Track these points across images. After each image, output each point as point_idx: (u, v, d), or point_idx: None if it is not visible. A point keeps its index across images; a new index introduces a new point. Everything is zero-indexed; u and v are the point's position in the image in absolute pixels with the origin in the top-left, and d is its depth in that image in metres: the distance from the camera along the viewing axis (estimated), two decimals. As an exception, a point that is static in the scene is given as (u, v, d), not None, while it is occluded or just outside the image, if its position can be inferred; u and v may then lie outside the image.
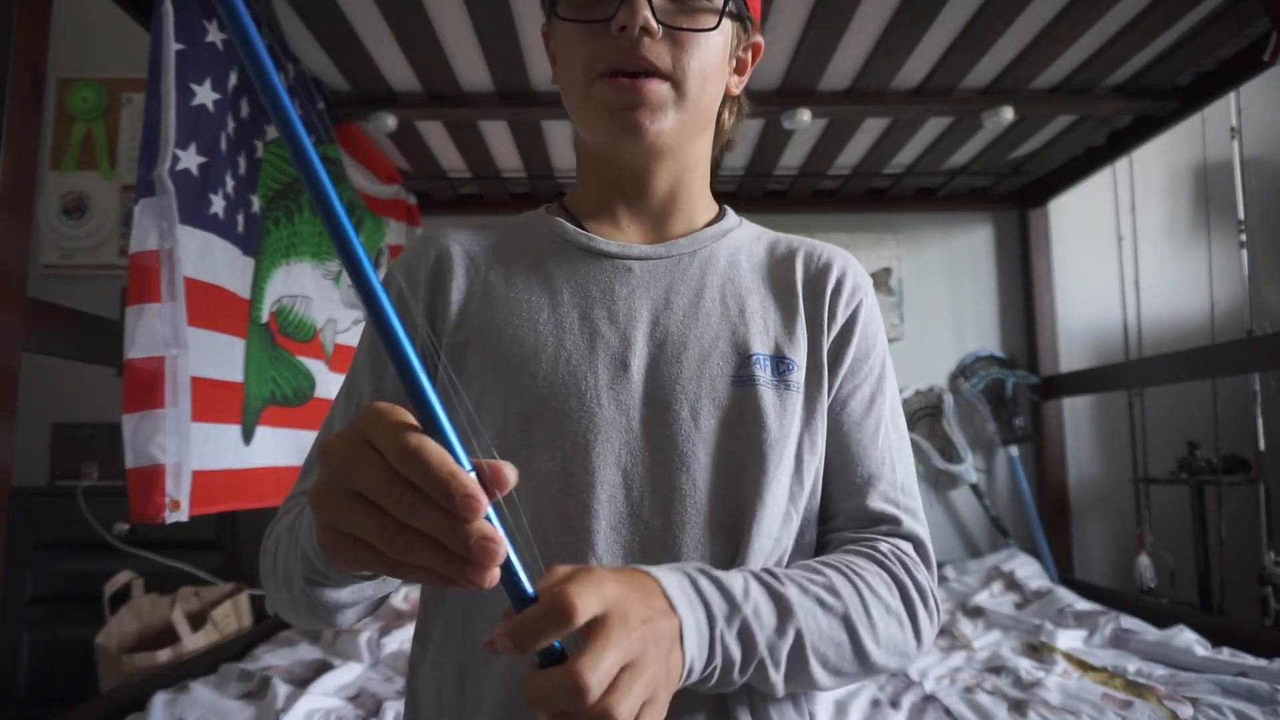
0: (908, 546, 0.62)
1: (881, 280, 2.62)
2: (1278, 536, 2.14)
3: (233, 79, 1.37)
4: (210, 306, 1.30)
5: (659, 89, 0.59)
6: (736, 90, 0.70)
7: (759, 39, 0.71)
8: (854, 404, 0.65)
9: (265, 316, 1.54)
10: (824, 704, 1.34)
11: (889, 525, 0.63)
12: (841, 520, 0.64)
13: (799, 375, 0.63)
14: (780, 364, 0.62)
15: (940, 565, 2.37)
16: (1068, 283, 2.61)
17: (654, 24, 0.58)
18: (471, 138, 2.09)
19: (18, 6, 1.03)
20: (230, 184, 1.38)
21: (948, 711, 1.33)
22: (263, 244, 1.52)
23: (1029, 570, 2.20)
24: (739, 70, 0.70)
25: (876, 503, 0.63)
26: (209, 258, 1.31)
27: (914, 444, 2.50)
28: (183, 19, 1.24)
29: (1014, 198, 2.63)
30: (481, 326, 0.62)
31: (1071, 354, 2.58)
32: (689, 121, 0.63)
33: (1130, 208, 2.45)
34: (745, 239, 0.70)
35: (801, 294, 0.66)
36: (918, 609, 0.59)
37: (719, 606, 0.49)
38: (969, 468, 2.47)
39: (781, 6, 1.51)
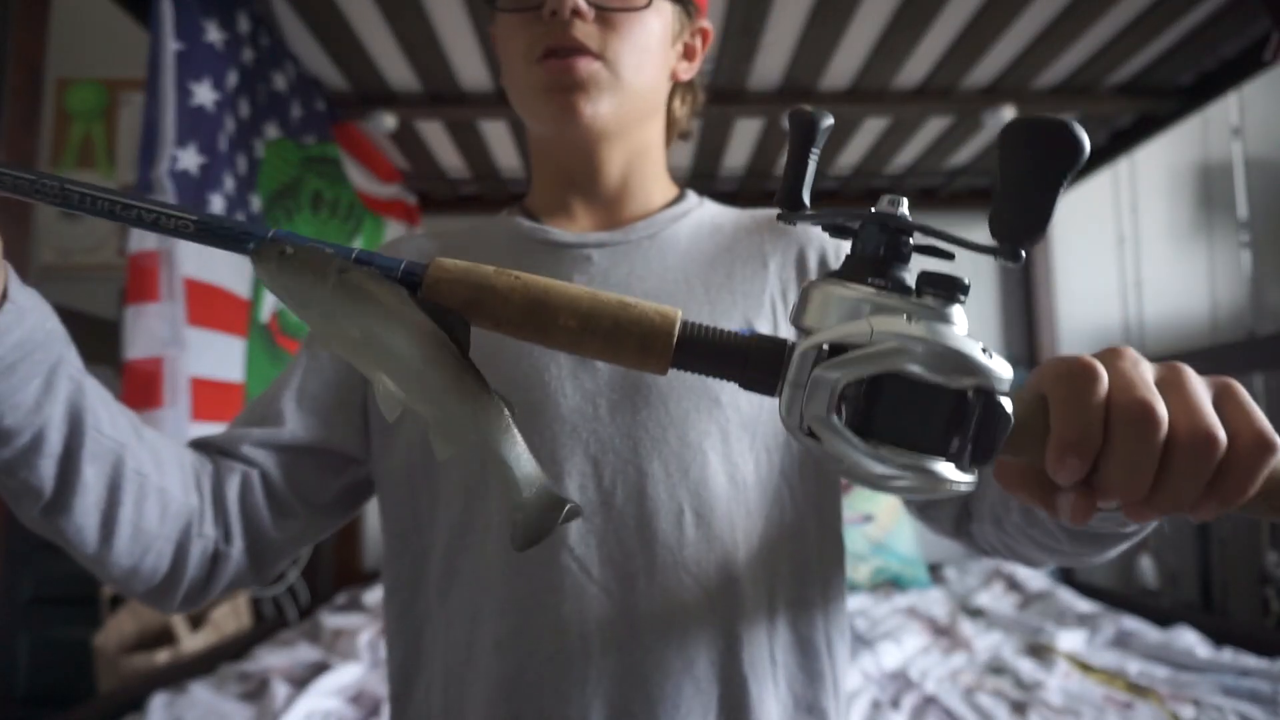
0: None
1: (882, 280, 2.61)
2: (1278, 536, 2.14)
3: (232, 78, 1.37)
4: (210, 306, 1.30)
5: (590, 67, 0.59)
6: (685, 76, 0.69)
7: (705, 24, 0.70)
8: None
9: (266, 317, 1.54)
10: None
11: None
12: None
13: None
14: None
15: (940, 566, 2.37)
16: (1068, 283, 2.61)
17: (583, 5, 0.58)
18: (471, 138, 2.09)
19: (17, 6, 1.02)
20: (230, 184, 1.37)
21: (948, 713, 1.32)
22: (262, 244, 1.52)
23: (1030, 571, 2.20)
24: (687, 56, 0.69)
25: None
26: (209, 258, 1.31)
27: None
28: (182, 18, 1.24)
29: (1015, 198, 2.62)
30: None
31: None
32: (628, 104, 0.62)
33: (1131, 208, 2.45)
34: (707, 217, 0.68)
35: (770, 265, 0.64)
36: None
37: None
38: (970, 468, 2.47)
39: (781, 6, 1.51)
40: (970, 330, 0.32)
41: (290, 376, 0.64)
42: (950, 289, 0.32)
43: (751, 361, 0.33)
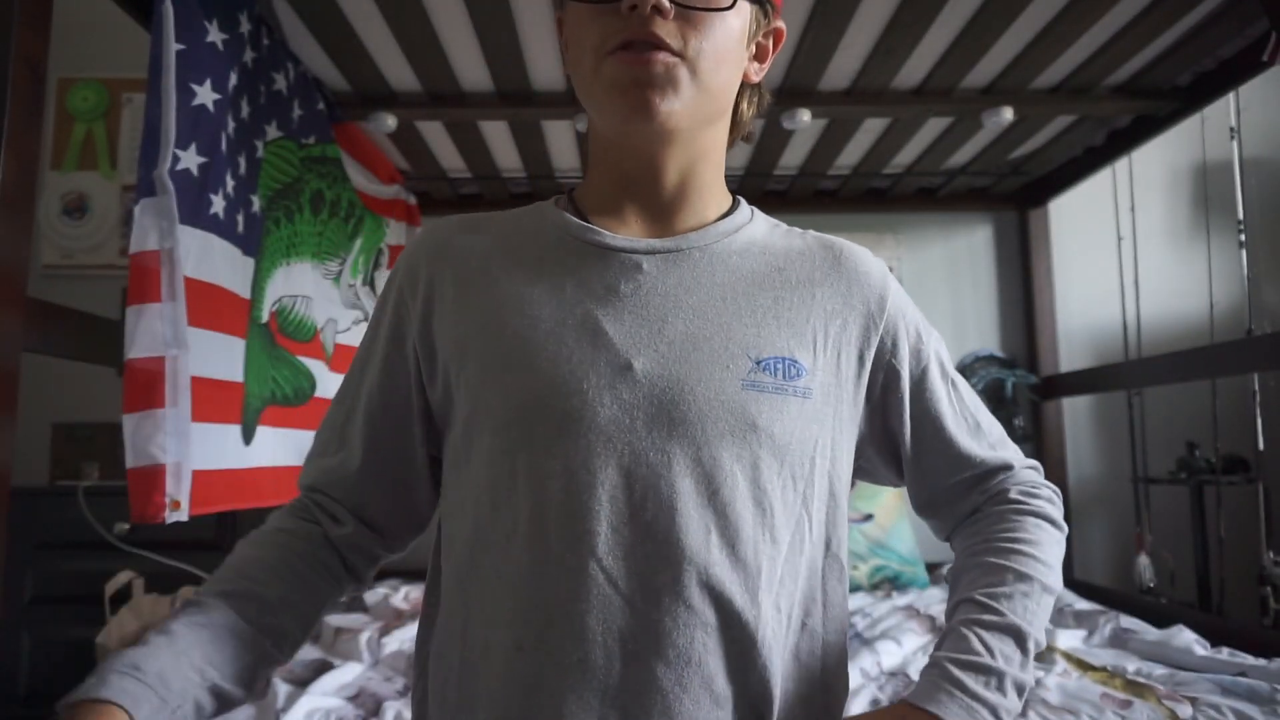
0: (1025, 477, 0.70)
1: (881, 280, 2.62)
2: (1277, 536, 2.14)
3: (233, 79, 1.37)
4: (210, 306, 1.30)
5: (669, 62, 0.57)
6: (756, 78, 0.67)
7: (780, 24, 0.68)
8: (925, 389, 0.68)
9: (265, 316, 1.54)
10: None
11: (1004, 472, 0.69)
12: (962, 487, 0.70)
13: (810, 380, 0.61)
14: (791, 368, 0.60)
15: (940, 565, 2.38)
16: (1068, 283, 2.61)
17: (665, 2, 0.56)
18: (471, 138, 2.09)
19: (18, 6, 1.03)
20: (230, 184, 1.38)
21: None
22: (263, 244, 1.52)
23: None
24: (759, 57, 0.67)
25: (985, 457, 0.69)
26: (209, 258, 1.31)
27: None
28: (183, 19, 1.24)
29: (1014, 198, 2.63)
30: (484, 321, 0.62)
31: (1071, 354, 2.58)
32: (702, 104, 0.60)
33: (1130, 208, 2.45)
34: (759, 233, 0.68)
35: (818, 294, 0.64)
36: (1057, 518, 0.68)
37: (991, 694, 0.56)
38: (969, 468, 2.47)
39: (782, 6, 1.51)
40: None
41: (354, 404, 0.69)
42: None
43: None
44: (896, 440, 0.68)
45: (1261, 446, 2.16)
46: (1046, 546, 0.65)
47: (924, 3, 1.50)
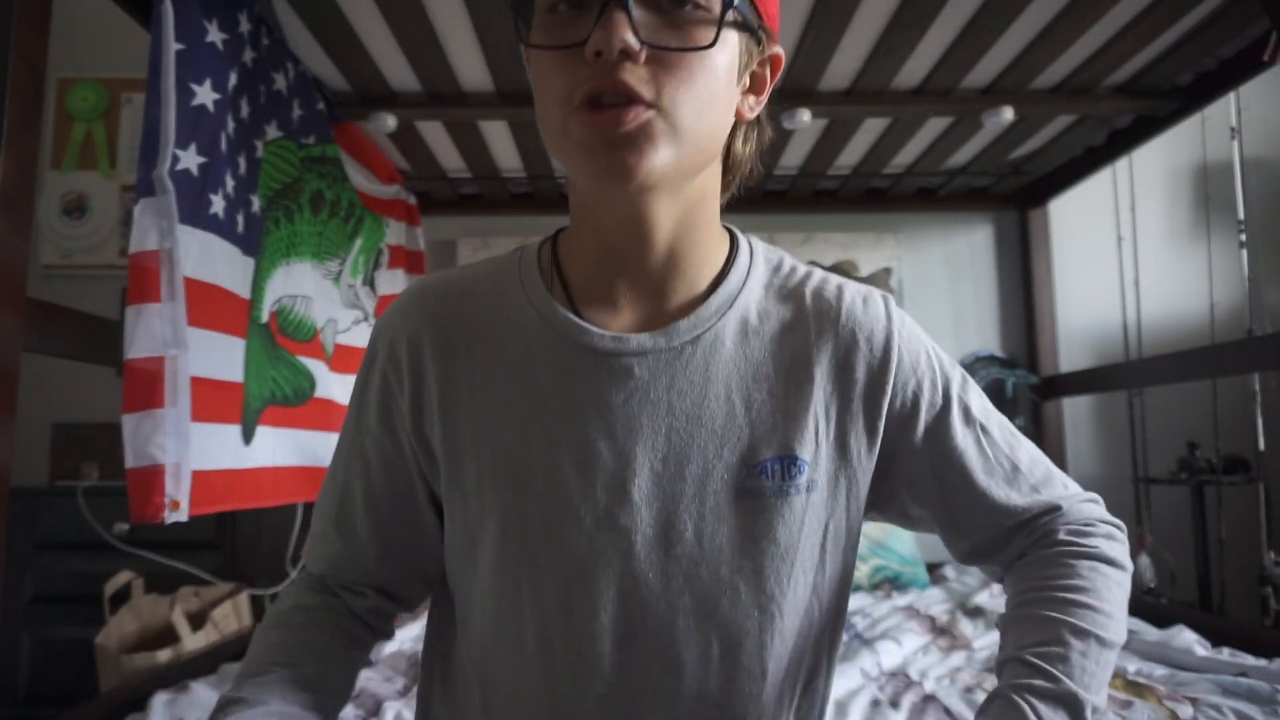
0: (1076, 515, 0.63)
1: (881, 280, 2.61)
2: (1278, 536, 2.14)
3: (233, 79, 1.37)
4: (210, 306, 1.30)
5: (642, 118, 0.50)
6: (750, 114, 0.60)
7: (777, 50, 0.60)
8: (947, 442, 0.61)
9: (265, 316, 1.54)
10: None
11: (1050, 514, 0.63)
12: (1005, 534, 0.63)
13: (814, 472, 0.58)
14: (791, 466, 0.57)
15: (940, 565, 2.37)
16: (1068, 283, 2.61)
17: (634, 45, 0.49)
18: (471, 138, 2.09)
19: (18, 6, 1.02)
20: (230, 184, 1.38)
21: (948, 711, 1.33)
22: (263, 244, 1.52)
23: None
24: (755, 89, 0.59)
25: (1026, 504, 0.62)
26: (209, 258, 1.31)
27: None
28: (183, 19, 1.24)
29: (1014, 198, 2.63)
30: (474, 434, 0.59)
31: (1071, 354, 2.58)
32: (685, 157, 0.53)
33: (1130, 208, 2.45)
34: (754, 300, 0.61)
35: (817, 374, 0.59)
36: (1116, 557, 0.61)
37: None
38: (969, 468, 2.47)
39: (782, 6, 1.51)
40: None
41: (353, 490, 0.65)
42: None
43: None
44: (928, 497, 0.63)
45: (1262, 447, 2.16)
46: (1104, 593, 0.59)
47: (924, 3, 1.50)
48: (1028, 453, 0.64)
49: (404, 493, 0.64)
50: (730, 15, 0.52)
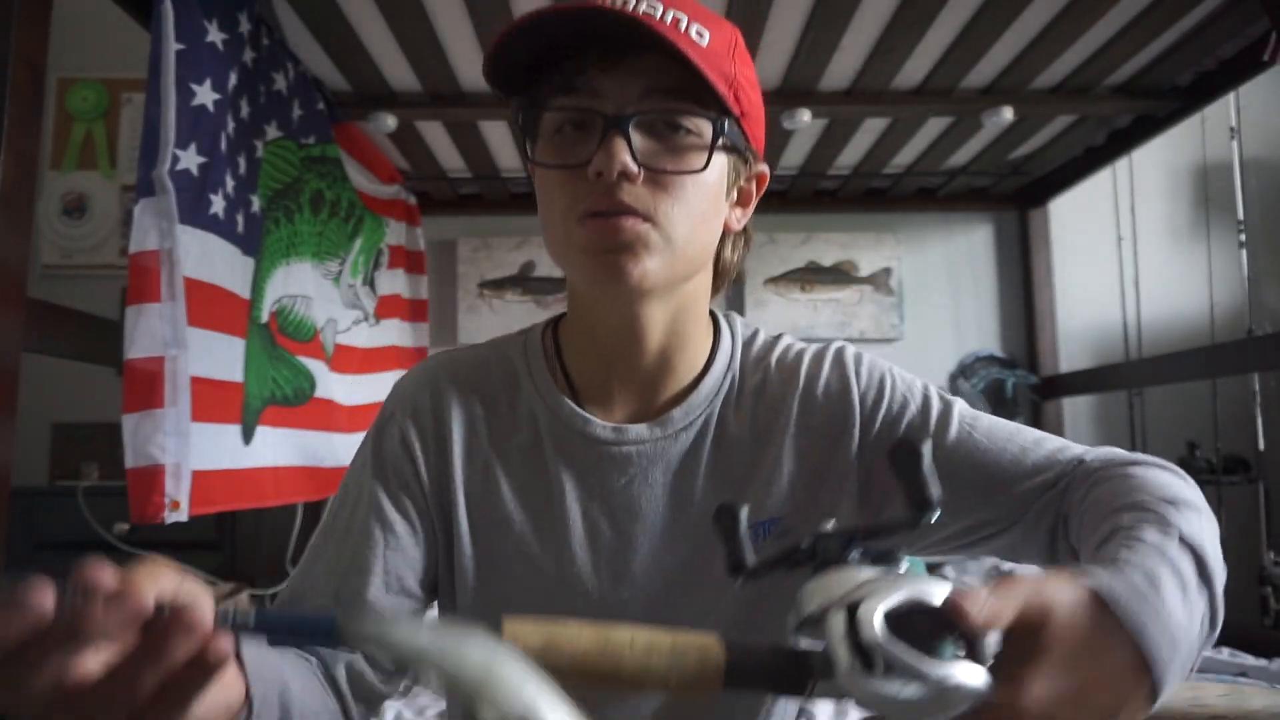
0: (1104, 454, 0.61)
1: (881, 280, 2.62)
2: (1277, 536, 2.14)
3: (233, 79, 1.37)
4: (210, 306, 1.30)
5: (638, 228, 0.55)
6: (737, 226, 0.66)
7: (763, 168, 0.66)
8: (944, 439, 0.63)
9: (265, 316, 1.54)
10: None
11: (1078, 465, 0.61)
12: (1040, 501, 0.61)
13: (788, 523, 0.63)
14: (769, 526, 0.63)
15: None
16: (1068, 283, 2.61)
17: (633, 168, 0.54)
18: (471, 138, 2.09)
19: (18, 6, 1.02)
20: (230, 184, 1.37)
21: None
22: (263, 244, 1.52)
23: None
24: (742, 202, 0.65)
25: (1050, 463, 0.61)
26: (209, 258, 1.31)
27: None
28: (183, 19, 1.24)
29: (1014, 198, 2.63)
30: (489, 515, 0.64)
31: (1071, 354, 2.58)
32: (678, 264, 0.58)
33: (1130, 208, 2.45)
34: (734, 382, 0.67)
35: (788, 440, 0.64)
36: (1174, 468, 0.59)
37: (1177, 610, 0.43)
38: (969, 468, 2.47)
39: (781, 6, 1.51)
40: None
41: (371, 557, 0.62)
42: (892, 559, 0.42)
43: (784, 669, 0.40)
44: (958, 497, 0.61)
45: (1262, 447, 2.16)
46: (1176, 485, 0.54)
47: (924, 3, 1.50)
48: (1031, 432, 0.65)
49: (414, 581, 0.65)
50: (720, 140, 0.57)
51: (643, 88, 0.55)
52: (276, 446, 1.54)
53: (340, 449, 1.80)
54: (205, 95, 1.29)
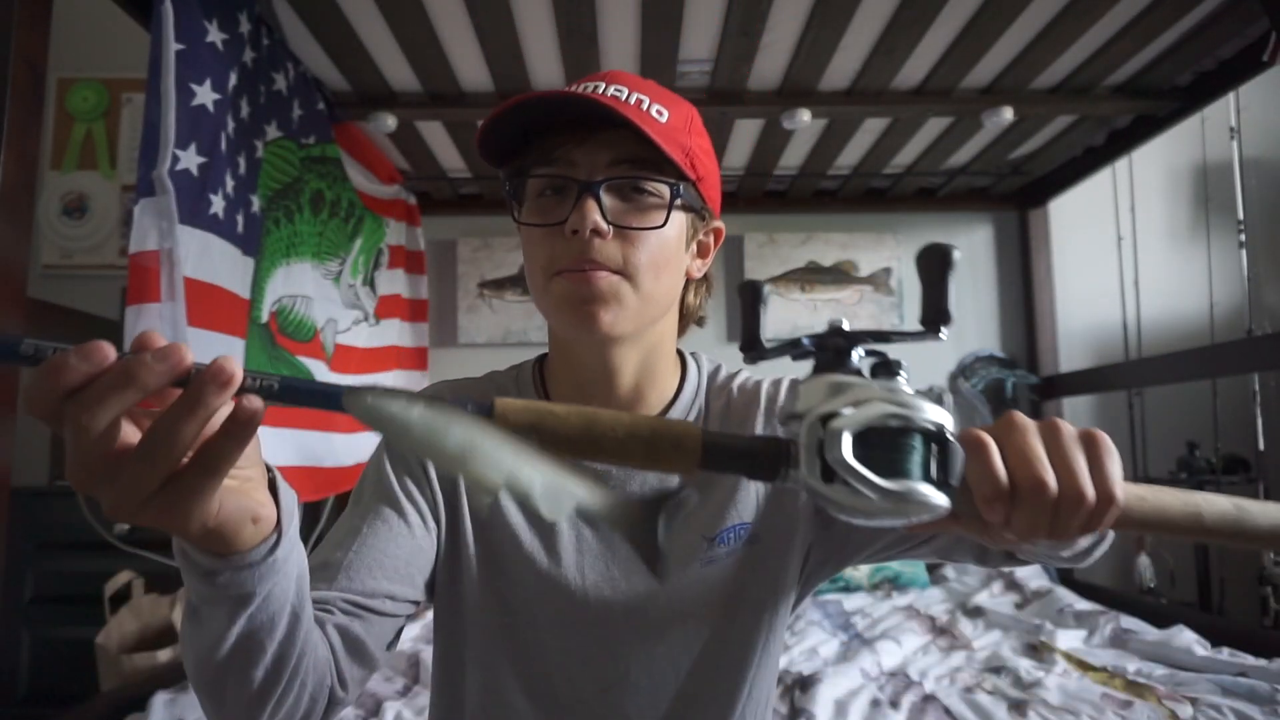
0: None
1: (881, 280, 2.62)
2: (1277, 536, 2.14)
3: (232, 79, 1.37)
4: (210, 306, 1.30)
5: (609, 280, 0.63)
6: (698, 274, 0.74)
7: (719, 224, 0.75)
8: None
9: (265, 316, 1.54)
10: (824, 704, 1.34)
11: None
12: None
13: (758, 528, 0.71)
14: (743, 530, 0.70)
15: (940, 565, 2.38)
16: (1068, 283, 2.61)
17: (604, 226, 0.62)
18: (471, 138, 2.09)
19: (18, 6, 1.03)
20: (230, 184, 1.38)
21: (947, 711, 1.33)
22: (263, 244, 1.52)
23: (1029, 570, 2.20)
24: (701, 253, 0.74)
25: None
26: (209, 258, 1.31)
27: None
28: (183, 19, 1.24)
29: (1014, 198, 2.63)
30: (492, 517, 0.71)
31: (1071, 354, 2.58)
32: (645, 311, 0.66)
33: (1130, 208, 2.45)
34: (700, 410, 0.75)
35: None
36: None
37: None
38: (969, 468, 2.47)
39: (781, 6, 1.51)
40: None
41: (381, 532, 0.67)
42: (892, 369, 0.43)
43: (760, 454, 0.42)
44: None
45: (1262, 446, 2.16)
46: None
47: (924, 3, 1.50)
48: None
49: (423, 554, 0.71)
50: (678, 200, 0.65)
51: (611, 158, 0.63)
52: (276, 446, 1.54)
53: (340, 449, 1.80)
54: (205, 95, 1.29)
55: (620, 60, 1.71)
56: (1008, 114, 1.87)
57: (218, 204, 1.33)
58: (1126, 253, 2.46)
